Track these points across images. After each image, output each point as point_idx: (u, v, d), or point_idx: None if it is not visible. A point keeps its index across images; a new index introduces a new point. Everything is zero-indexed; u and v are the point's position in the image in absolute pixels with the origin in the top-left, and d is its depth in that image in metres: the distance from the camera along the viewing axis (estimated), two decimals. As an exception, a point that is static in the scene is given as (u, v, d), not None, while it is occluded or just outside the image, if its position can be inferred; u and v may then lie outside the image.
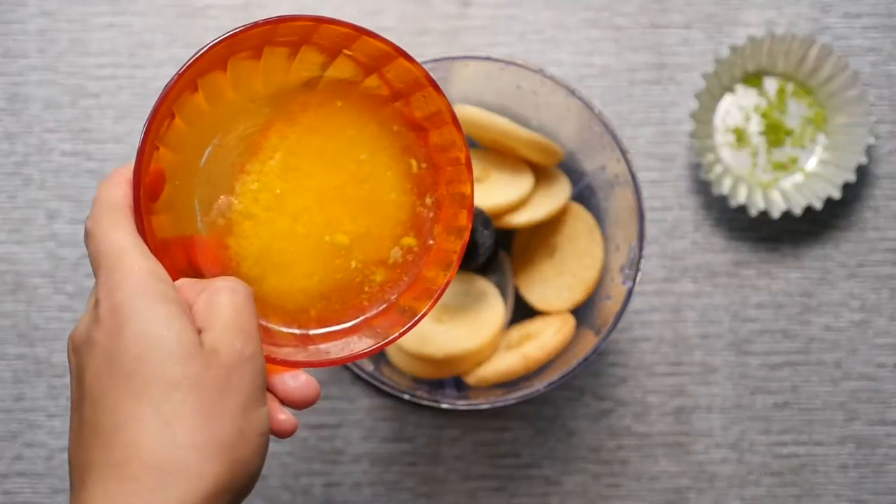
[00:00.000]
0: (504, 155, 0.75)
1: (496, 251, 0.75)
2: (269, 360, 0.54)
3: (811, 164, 0.81)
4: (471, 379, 0.74)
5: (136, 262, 0.51)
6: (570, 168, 0.76)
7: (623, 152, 0.70)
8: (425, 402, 0.71)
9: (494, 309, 0.74)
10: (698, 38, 0.82)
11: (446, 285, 0.58)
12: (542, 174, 0.75)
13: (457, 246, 0.58)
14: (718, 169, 0.80)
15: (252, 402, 0.51)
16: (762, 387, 0.80)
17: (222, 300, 0.52)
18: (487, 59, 0.70)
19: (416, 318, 0.57)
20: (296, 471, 0.79)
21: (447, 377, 0.75)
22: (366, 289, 0.59)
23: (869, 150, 0.81)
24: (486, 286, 0.75)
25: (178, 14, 0.82)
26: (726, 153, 0.81)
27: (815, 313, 0.81)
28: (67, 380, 0.79)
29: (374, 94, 0.58)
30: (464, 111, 0.72)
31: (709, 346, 0.80)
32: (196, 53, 0.53)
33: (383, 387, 0.70)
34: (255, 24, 0.53)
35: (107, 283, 0.51)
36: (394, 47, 0.55)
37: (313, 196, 0.58)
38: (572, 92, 0.70)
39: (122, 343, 0.49)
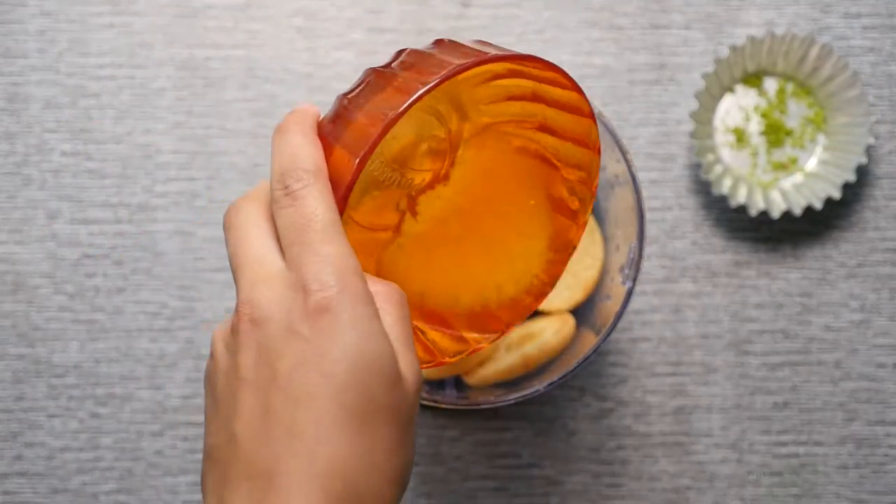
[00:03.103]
0: (504, 155, 0.75)
1: (496, 251, 0.75)
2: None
3: (811, 164, 0.81)
4: (471, 379, 0.74)
5: (348, 255, 0.49)
6: (570, 168, 0.76)
7: (623, 152, 0.70)
8: (425, 403, 0.71)
9: (494, 309, 0.74)
10: (698, 38, 0.82)
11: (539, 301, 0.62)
12: (542, 174, 0.75)
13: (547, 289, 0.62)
14: (718, 169, 0.80)
15: (415, 427, 0.51)
16: (762, 387, 0.80)
17: (391, 310, 0.50)
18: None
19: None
20: (296, 471, 0.79)
21: (447, 377, 0.75)
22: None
23: (869, 150, 0.81)
24: (486, 286, 0.75)
25: (178, 14, 0.82)
26: (726, 153, 0.81)
27: (815, 313, 0.81)
28: (67, 380, 0.79)
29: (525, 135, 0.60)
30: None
31: (709, 346, 0.80)
32: (450, 71, 0.52)
33: (383, 387, 0.70)
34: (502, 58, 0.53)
35: (321, 272, 0.48)
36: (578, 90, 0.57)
37: (482, 227, 0.60)
38: (572, 92, 0.70)
39: (336, 350, 0.47)
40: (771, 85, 0.81)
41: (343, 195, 0.50)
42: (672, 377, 0.80)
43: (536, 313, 0.76)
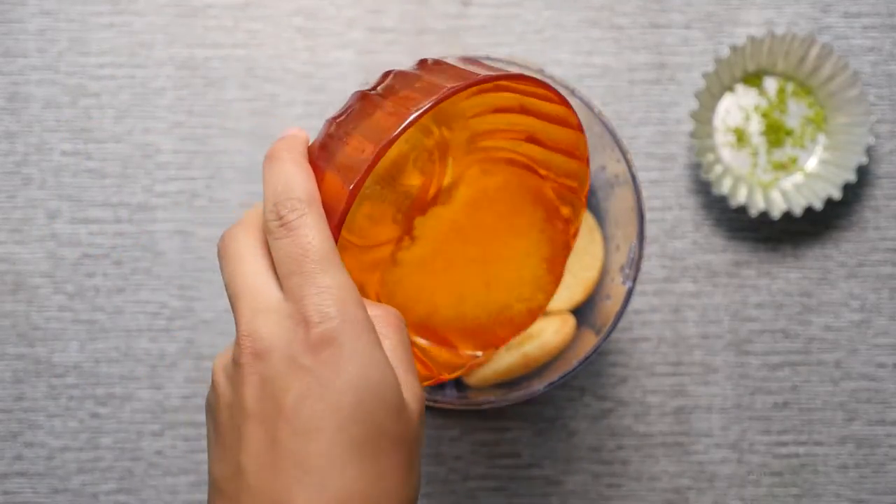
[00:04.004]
0: (504, 155, 0.75)
1: (496, 251, 0.75)
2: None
3: (811, 164, 0.81)
4: (471, 379, 0.74)
5: (348, 285, 0.49)
6: (570, 168, 0.76)
7: (623, 152, 0.70)
8: (425, 403, 0.71)
9: (494, 309, 0.74)
10: (698, 37, 0.82)
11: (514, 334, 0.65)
12: (542, 174, 0.75)
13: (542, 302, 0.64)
14: (718, 169, 0.80)
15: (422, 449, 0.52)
16: (762, 387, 0.80)
17: (390, 335, 0.50)
18: (487, 58, 0.70)
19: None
20: (296, 471, 0.79)
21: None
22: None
23: (869, 150, 0.81)
24: (486, 286, 0.75)
25: (178, 14, 0.82)
26: (726, 153, 0.81)
27: (815, 313, 0.81)
28: (67, 380, 0.79)
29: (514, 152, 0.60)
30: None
31: (709, 346, 0.80)
32: (441, 95, 0.51)
33: (383, 387, 0.70)
34: (506, 78, 0.54)
35: (321, 303, 0.48)
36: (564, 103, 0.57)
37: (474, 249, 0.61)
38: (572, 92, 0.70)
39: (340, 381, 0.47)
40: (771, 85, 0.81)
41: (337, 223, 0.50)
42: (672, 377, 0.80)
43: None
